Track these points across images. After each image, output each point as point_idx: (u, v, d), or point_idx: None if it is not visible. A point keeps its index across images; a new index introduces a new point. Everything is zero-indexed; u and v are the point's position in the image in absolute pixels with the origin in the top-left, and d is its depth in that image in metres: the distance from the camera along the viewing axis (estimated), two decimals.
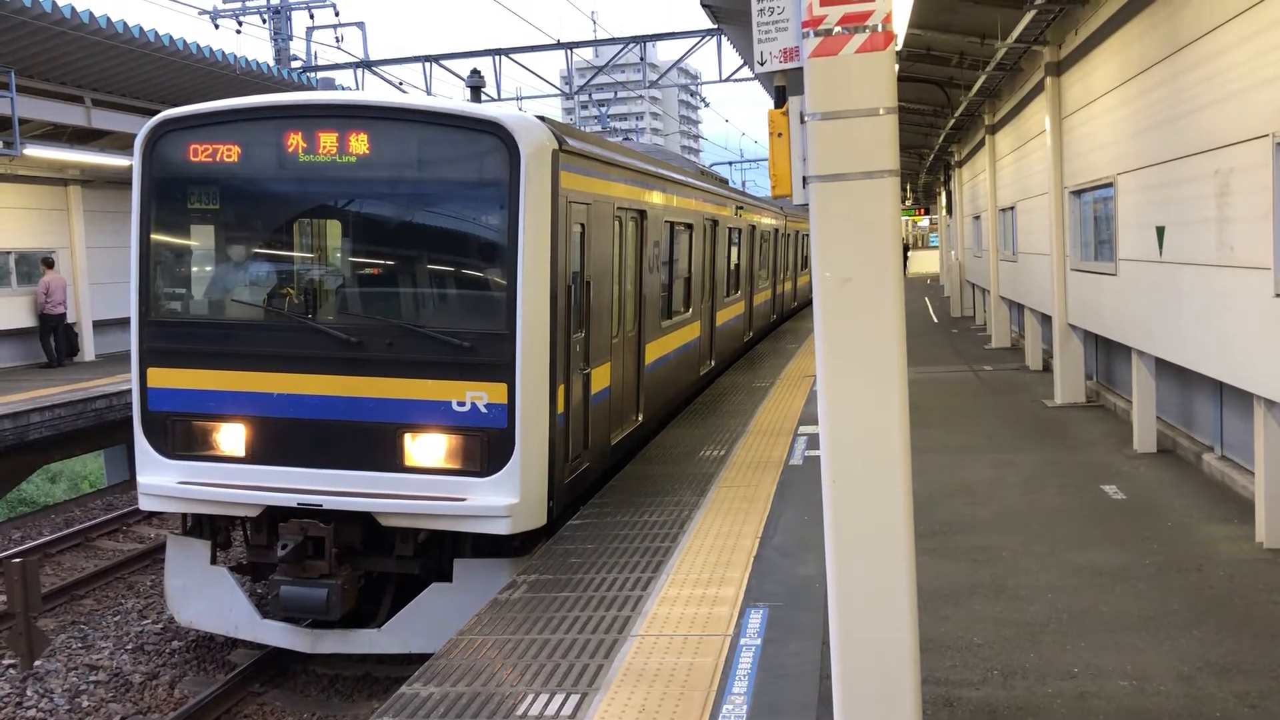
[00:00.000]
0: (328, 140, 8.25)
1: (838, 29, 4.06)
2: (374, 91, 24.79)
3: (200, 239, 8.97)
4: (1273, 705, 5.53)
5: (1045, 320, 17.66)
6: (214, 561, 8.82)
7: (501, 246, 8.11)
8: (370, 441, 8.11)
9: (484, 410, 7.96)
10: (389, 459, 8.10)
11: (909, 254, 57.17)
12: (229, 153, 8.44)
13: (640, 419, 11.59)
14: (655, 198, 12.22)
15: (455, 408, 8.01)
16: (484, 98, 17.79)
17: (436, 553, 8.36)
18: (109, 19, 16.39)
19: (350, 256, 8.88)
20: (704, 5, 17.46)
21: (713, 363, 16.79)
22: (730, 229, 18.31)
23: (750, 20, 4.41)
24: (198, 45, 18.59)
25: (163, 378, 8.58)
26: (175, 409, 8.53)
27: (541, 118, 8.69)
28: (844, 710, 4.21)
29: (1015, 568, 7.87)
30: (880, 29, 4.05)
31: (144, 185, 8.62)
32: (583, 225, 9.19)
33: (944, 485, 10.38)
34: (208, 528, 8.85)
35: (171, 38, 17.83)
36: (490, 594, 7.43)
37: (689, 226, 14.57)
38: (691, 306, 14.88)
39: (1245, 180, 8.24)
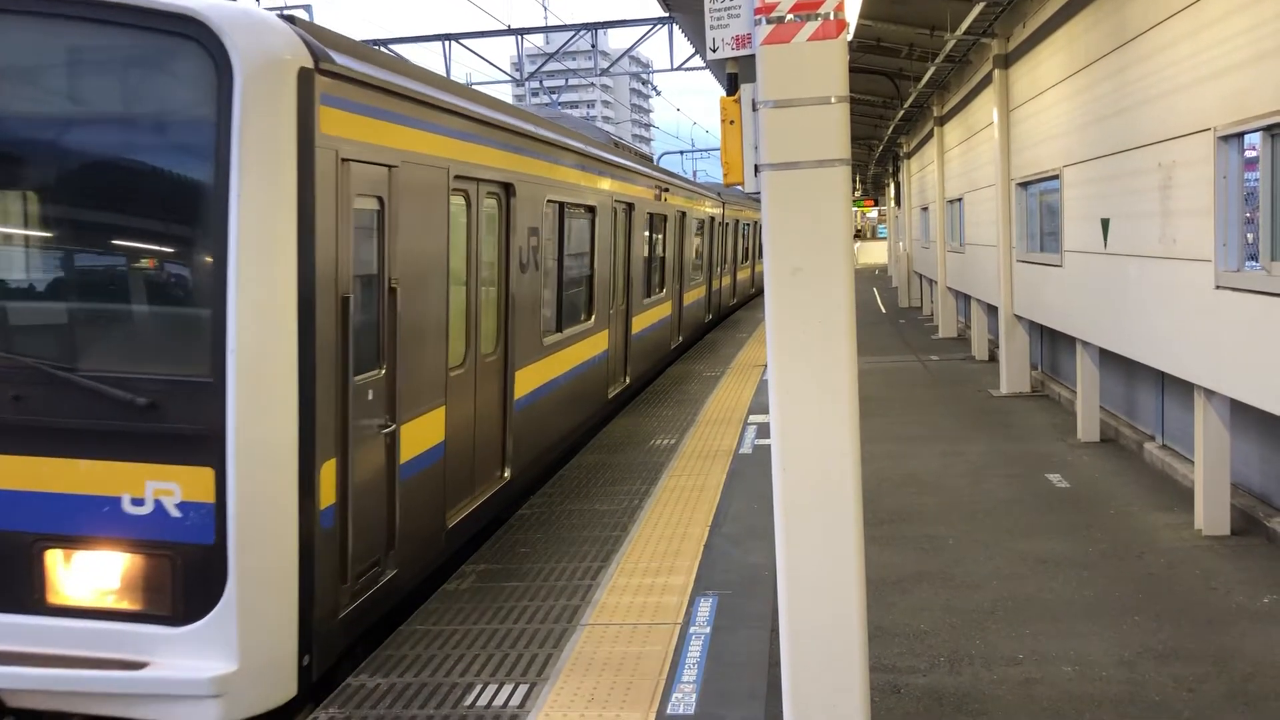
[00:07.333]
0: None
1: (790, 16, 4.06)
2: None
3: None
4: (1210, 689, 5.64)
5: (991, 311, 17.87)
6: None
7: (200, 231, 5.14)
8: None
9: (176, 513, 5.00)
10: (19, 593, 5.11)
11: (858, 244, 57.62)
12: None
13: (507, 475, 8.50)
14: (532, 167, 9.07)
15: (129, 508, 5.02)
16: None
17: None
18: None
19: None
20: None
21: (627, 380, 13.86)
22: (651, 215, 15.34)
23: (702, 7, 4.39)
24: None
25: None
26: None
27: (290, 19, 5.58)
28: (793, 697, 4.22)
29: (961, 556, 7.95)
30: (832, 17, 4.04)
31: None
32: (381, 200, 6.15)
33: (891, 474, 10.46)
34: None
35: None
36: None
37: (590, 210, 11.50)
38: (594, 313, 11.74)
39: (1187, 174, 8.37)
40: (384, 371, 6.23)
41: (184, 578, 5.02)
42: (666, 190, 16.67)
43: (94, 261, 5.51)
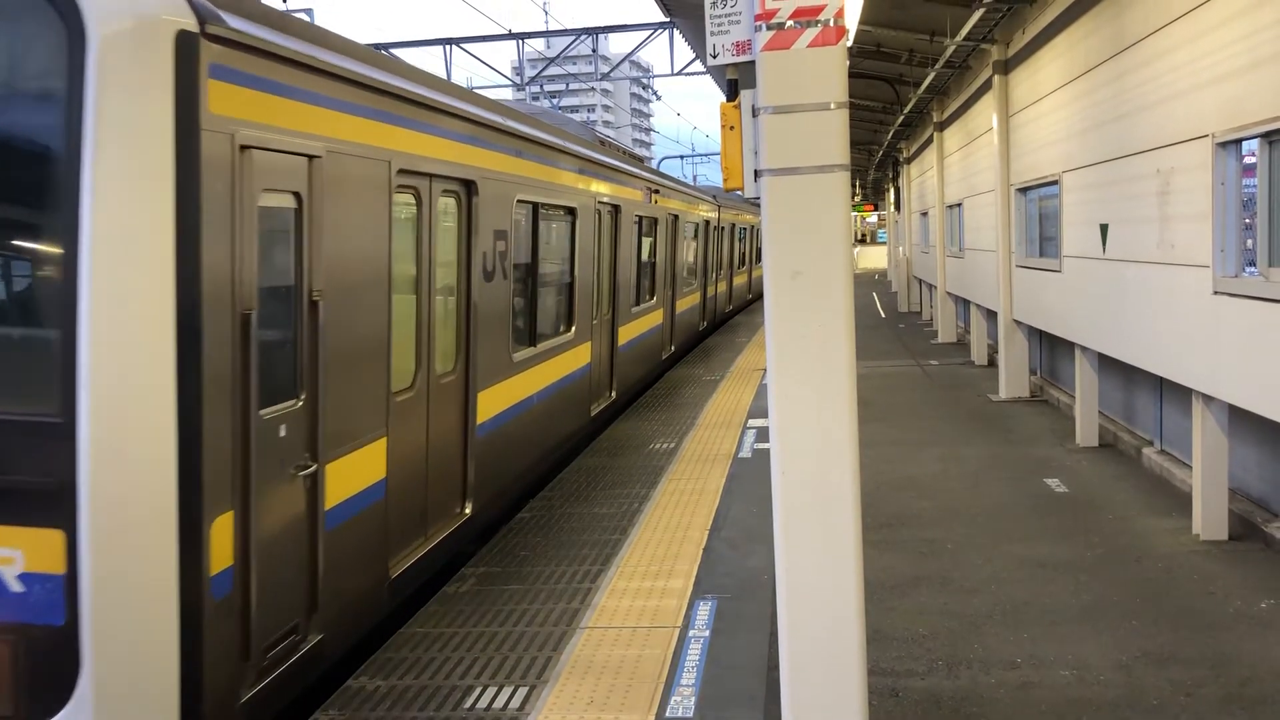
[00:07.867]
0: None
1: (790, 23, 4.08)
2: None
3: None
4: (1207, 693, 5.65)
5: (991, 316, 17.89)
6: None
7: (45, 235, 4.22)
8: None
9: (17, 587, 4.04)
10: None
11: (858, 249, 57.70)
12: None
13: (469, 510, 7.66)
14: (499, 163, 8.21)
15: None
16: None
17: None
18: None
19: None
20: None
21: (613, 395, 12.91)
22: (641, 218, 14.54)
23: (703, 13, 4.41)
24: None
25: None
26: None
27: None
28: (791, 701, 4.24)
29: (960, 560, 7.96)
30: (832, 24, 4.07)
31: None
32: (299, 196, 5.22)
33: (890, 478, 10.47)
34: None
35: None
36: None
37: (570, 212, 10.68)
38: (575, 324, 10.88)
39: (1186, 180, 8.40)
40: (302, 401, 5.25)
41: (27, 667, 4.02)
42: (657, 192, 15.80)
43: None
